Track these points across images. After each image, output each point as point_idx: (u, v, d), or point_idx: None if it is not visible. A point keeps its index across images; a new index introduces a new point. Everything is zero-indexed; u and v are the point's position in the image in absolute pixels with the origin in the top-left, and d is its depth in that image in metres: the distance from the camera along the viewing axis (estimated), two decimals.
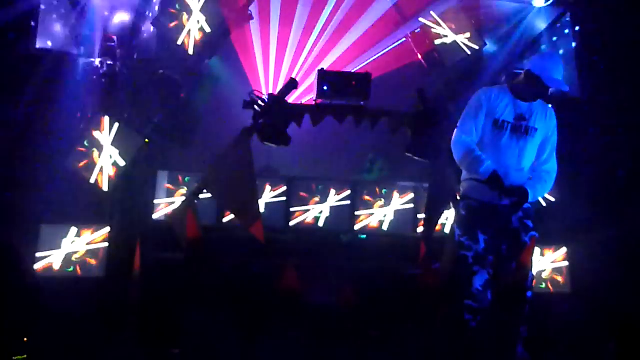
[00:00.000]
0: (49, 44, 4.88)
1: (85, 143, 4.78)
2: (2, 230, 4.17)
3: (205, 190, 4.65)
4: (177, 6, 4.98)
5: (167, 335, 4.14)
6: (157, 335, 4.18)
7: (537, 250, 4.96)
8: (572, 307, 5.05)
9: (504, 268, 3.84)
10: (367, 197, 5.44)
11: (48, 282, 4.41)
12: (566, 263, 5.28)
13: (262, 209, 4.75)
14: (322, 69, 4.88)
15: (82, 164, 4.77)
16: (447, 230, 4.90)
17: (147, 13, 5.33)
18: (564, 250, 5.28)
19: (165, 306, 4.29)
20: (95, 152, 4.79)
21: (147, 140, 4.93)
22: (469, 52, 5.36)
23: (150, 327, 4.22)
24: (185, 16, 4.98)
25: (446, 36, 5.35)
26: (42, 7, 4.81)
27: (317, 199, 5.39)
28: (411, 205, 5.42)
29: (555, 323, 4.84)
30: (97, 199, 4.84)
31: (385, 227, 5.39)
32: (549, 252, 5.27)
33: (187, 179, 5.16)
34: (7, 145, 4.57)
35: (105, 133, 4.84)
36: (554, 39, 5.63)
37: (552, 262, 5.27)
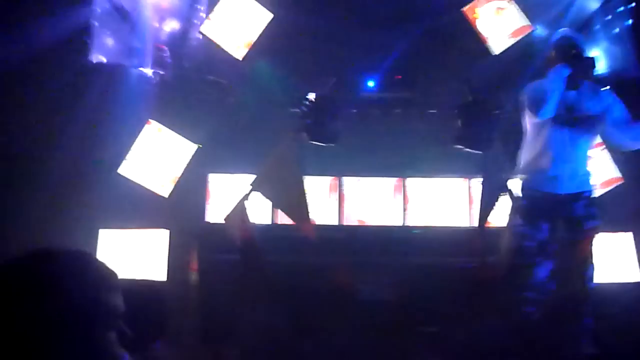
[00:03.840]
0: (103, 58, 5.08)
1: (141, 150, 4.94)
2: (62, 236, 4.36)
3: (257, 191, 4.73)
4: (223, 12, 5.07)
5: (226, 335, 4.22)
6: (217, 336, 4.28)
7: (599, 239, 4.77)
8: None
9: (566, 258, 3.74)
10: (419, 191, 5.38)
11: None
12: (633, 250, 5.03)
13: (312, 208, 4.77)
14: (367, 64, 4.88)
15: (139, 169, 4.94)
16: (501, 221, 4.77)
17: (194, 21, 5.47)
18: (630, 236, 5.03)
19: (223, 307, 4.38)
20: (151, 158, 4.96)
21: (199, 145, 5.07)
22: (517, 37, 5.20)
23: (210, 327, 4.32)
24: (231, 22, 5.07)
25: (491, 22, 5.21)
26: (96, 23, 5.01)
27: (368, 195, 5.37)
28: (465, 198, 5.32)
29: (623, 314, 4.63)
30: (155, 203, 4.99)
31: (438, 220, 5.31)
32: (613, 239, 5.03)
33: (239, 180, 5.26)
34: (68, 154, 4.78)
35: (160, 140, 5.01)
36: (608, 17, 5.38)
37: (617, 250, 5.03)
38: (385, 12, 5.27)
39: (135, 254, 4.82)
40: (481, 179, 4.93)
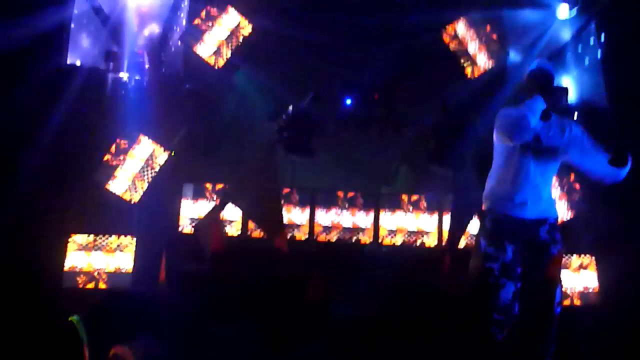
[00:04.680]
0: (78, 62, 5.00)
1: (113, 156, 4.87)
2: (34, 241, 4.26)
3: (230, 202, 4.71)
4: (203, 21, 5.06)
5: (194, 346, 4.17)
6: (183, 347, 4.21)
7: (563, 263, 4.91)
8: (601, 320, 4.95)
9: (531, 281, 3.80)
10: (391, 208, 5.44)
11: (75, 293, 4.48)
12: (594, 274, 5.18)
13: (285, 221, 4.78)
14: (345, 80, 4.93)
15: (110, 176, 4.86)
16: (470, 242, 4.86)
17: (174, 28, 5.43)
18: (591, 260, 5.19)
19: (191, 317, 4.32)
20: (123, 165, 4.89)
21: (173, 153, 5.02)
22: (492, 62, 5.32)
23: (176, 338, 4.26)
24: (211, 31, 5.06)
25: (468, 46, 5.33)
26: (73, 25, 4.93)
27: (341, 211, 5.40)
28: (435, 217, 5.40)
29: (584, 337, 4.75)
30: (125, 210, 4.91)
31: (409, 238, 5.38)
32: (576, 263, 5.19)
33: (212, 190, 5.23)
34: (38, 159, 4.66)
35: (133, 145, 4.94)
36: (579, 48, 5.57)
37: (580, 274, 5.18)
38: (366, 30, 5.33)
39: (102, 260, 4.74)
40: (452, 199, 5.00)
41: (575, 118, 5.26)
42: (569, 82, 5.60)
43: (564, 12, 5.45)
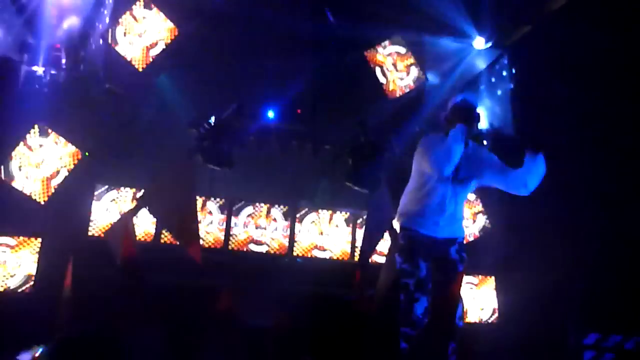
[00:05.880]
0: None
1: (23, 152, 4.66)
2: None
3: (144, 207, 4.61)
4: (128, 20, 4.95)
5: (97, 355, 4.04)
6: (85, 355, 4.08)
7: (466, 280, 5.19)
8: (499, 337, 5.23)
9: (438, 296, 3.96)
10: (305, 222, 5.51)
11: None
12: (494, 293, 5.48)
13: (200, 230, 4.73)
14: (268, 93, 4.97)
15: (17, 172, 4.64)
16: (381, 258, 5.01)
17: (97, 24, 5.26)
18: (492, 280, 5.50)
19: (96, 325, 4.19)
20: (32, 162, 4.69)
21: (87, 153, 4.86)
22: (411, 85, 5.53)
23: (78, 346, 4.11)
24: (136, 31, 4.95)
25: (389, 68, 5.52)
26: None
27: (255, 222, 5.42)
28: (349, 232, 5.53)
29: (483, 352, 5.00)
30: (32, 210, 4.71)
31: (322, 252, 5.48)
32: (477, 282, 5.48)
33: (126, 194, 5.11)
34: None
35: (44, 143, 4.75)
36: (492, 79, 5.89)
37: (480, 292, 5.47)
38: (293, 43, 5.39)
39: (4, 261, 4.53)
40: (366, 216, 5.13)
41: (485, 143, 5.53)
42: (481, 110, 5.91)
43: (480, 43, 5.76)
